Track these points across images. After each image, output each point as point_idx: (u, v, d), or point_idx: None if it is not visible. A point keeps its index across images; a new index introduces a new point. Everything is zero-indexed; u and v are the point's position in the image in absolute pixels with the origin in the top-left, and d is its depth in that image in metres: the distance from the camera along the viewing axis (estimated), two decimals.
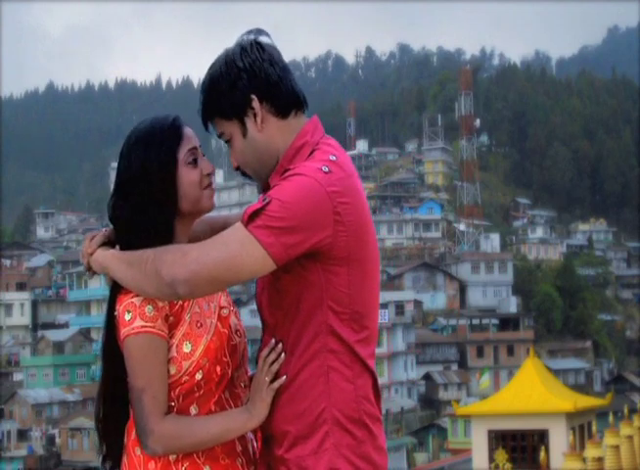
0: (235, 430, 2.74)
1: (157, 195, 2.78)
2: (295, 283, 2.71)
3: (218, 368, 2.78)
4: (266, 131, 2.79)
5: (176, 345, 2.75)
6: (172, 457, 2.73)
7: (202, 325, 2.78)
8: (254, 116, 2.78)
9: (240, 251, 2.62)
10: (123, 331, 2.72)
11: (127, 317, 2.72)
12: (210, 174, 2.84)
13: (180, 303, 2.76)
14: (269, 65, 2.79)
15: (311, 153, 2.76)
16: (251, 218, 2.62)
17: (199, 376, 2.75)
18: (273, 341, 2.75)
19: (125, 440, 2.81)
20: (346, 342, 2.72)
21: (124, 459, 2.80)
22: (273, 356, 2.74)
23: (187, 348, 2.75)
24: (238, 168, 2.88)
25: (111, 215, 2.83)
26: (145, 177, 2.78)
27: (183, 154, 2.80)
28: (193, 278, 2.63)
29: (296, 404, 2.73)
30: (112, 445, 2.86)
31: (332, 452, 2.70)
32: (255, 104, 2.77)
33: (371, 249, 2.76)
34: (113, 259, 2.76)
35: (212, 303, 2.84)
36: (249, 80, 2.77)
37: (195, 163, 2.82)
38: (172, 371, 2.74)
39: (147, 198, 2.77)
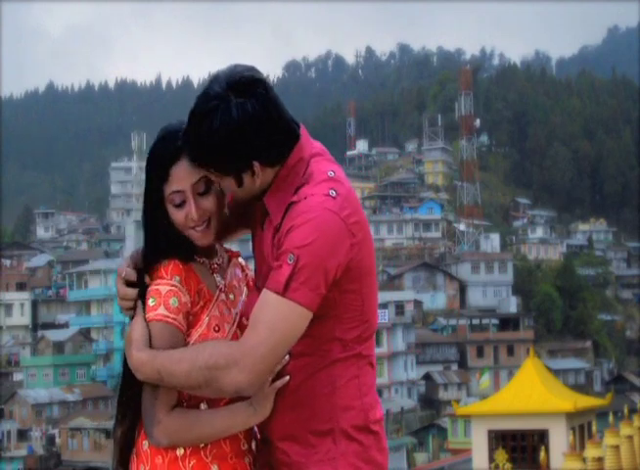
0: (238, 425, 2.76)
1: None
2: None
3: None
4: (263, 178, 2.73)
5: (192, 345, 2.77)
6: (180, 453, 2.75)
7: (219, 329, 2.80)
8: (253, 173, 2.71)
9: (286, 326, 2.62)
10: (148, 315, 2.76)
11: (151, 303, 2.76)
12: (196, 220, 2.77)
13: (202, 303, 2.79)
14: (270, 122, 2.65)
15: (306, 168, 2.73)
16: (287, 286, 2.60)
17: None
18: None
19: (136, 434, 2.83)
20: (354, 351, 2.75)
21: (133, 454, 2.82)
22: None
23: None
24: None
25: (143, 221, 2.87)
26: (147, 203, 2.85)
27: (168, 193, 2.79)
28: (257, 378, 2.65)
29: (301, 411, 2.75)
30: (127, 431, 2.86)
31: (339, 462, 2.72)
32: (257, 168, 2.70)
33: (373, 252, 2.78)
34: (162, 377, 2.70)
35: (234, 309, 2.87)
36: (252, 149, 2.66)
37: (181, 205, 2.78)
38: None
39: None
